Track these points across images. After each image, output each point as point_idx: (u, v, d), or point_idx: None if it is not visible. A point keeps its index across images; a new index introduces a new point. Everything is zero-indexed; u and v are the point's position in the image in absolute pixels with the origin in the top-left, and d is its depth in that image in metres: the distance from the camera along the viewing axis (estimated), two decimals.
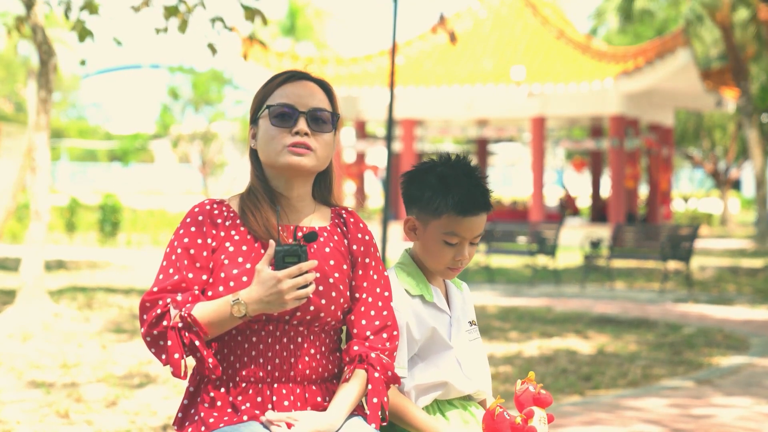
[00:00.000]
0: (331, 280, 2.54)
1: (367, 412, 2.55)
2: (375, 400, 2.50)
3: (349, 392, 2.52)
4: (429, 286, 2.73)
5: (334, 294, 2.54)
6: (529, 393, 2.62)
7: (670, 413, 5.84)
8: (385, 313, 2.61)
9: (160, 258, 2.57)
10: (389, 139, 12.90)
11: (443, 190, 2.64)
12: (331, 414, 2.47)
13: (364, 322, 2.58)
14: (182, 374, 2.42)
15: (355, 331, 2.59)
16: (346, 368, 2.55)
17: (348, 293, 2.59)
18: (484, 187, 2.68)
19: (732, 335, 9.27)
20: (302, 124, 2.54)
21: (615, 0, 29.65)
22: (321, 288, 2.52)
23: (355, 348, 2.55)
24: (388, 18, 27.09)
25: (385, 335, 2.59)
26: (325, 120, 2.57)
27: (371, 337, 2.57)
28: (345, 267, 2.60)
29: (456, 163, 2.70)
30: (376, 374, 2.52)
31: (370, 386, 2.51)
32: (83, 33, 9.01)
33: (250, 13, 8.94)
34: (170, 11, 9.00)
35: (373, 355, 2.54)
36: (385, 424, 2.60)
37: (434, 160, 2.73)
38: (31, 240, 9.35)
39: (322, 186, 2.67)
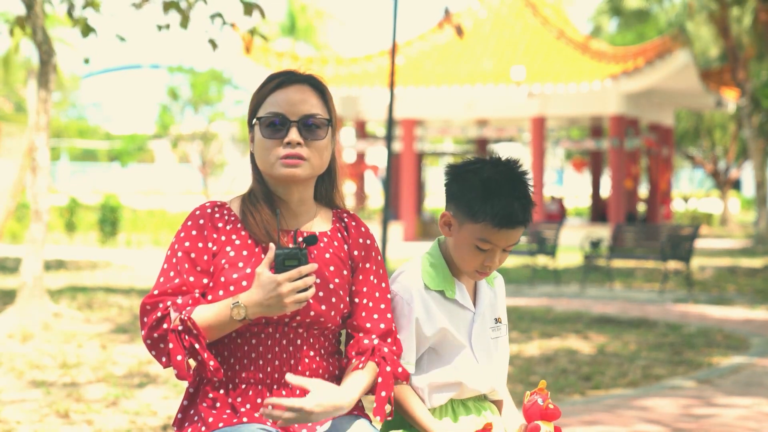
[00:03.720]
0: (331, 286, 2.53)
1: (368, 413, 2.55)
2: (383, 393, 2.50)
3: (362, 378, 2.49)
4: (453, 281, 2.66)
5: (334, 300, 2.53)
6: (537, 407, 2.60)
7: (671, 413, 5.84)
8: (388, 315, 2.60)
9: (161, 260, 2.55)
10: (389, 139, 12.90)
11: (484, 196, 2.55)
12: (345, 391, 2.45)
13: (368, 325, 2.57)
14: (187, 375, 2.42)
15: (360, 335, 2.57)
16: (355, 360, 2.52)
17: (348, 298, 2.58)
18: (527, 199, 2.57)
19: (732, 335, 9.27)
20: (294, 134, 2.50)
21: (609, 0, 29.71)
22: (321, 294, 2.51)
23: (366, 342, 2.54)
24: (388, 18, 27.07)
25: (389, 340, 2.58)
26: (319, 125, 2.53)
27: (376, 341, 2.57)
28: (345, 272, 2.58)
29: (504, 168, 2.60)
30: (388, 368, 2.51)
31: (380, 379, 2.50)
32: (86, 29, 9.04)
33: (249, 7, 8.97)
34: (169, 5, 9.02)
35: (385, 350, 2.53)
36: (390, 418, 2.59)
37: (483, 160, 2.62)
38: (31, 240, 9.35)
39: (325, 186, 2.65)
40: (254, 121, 2.55)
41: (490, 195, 2.55)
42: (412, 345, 2.62)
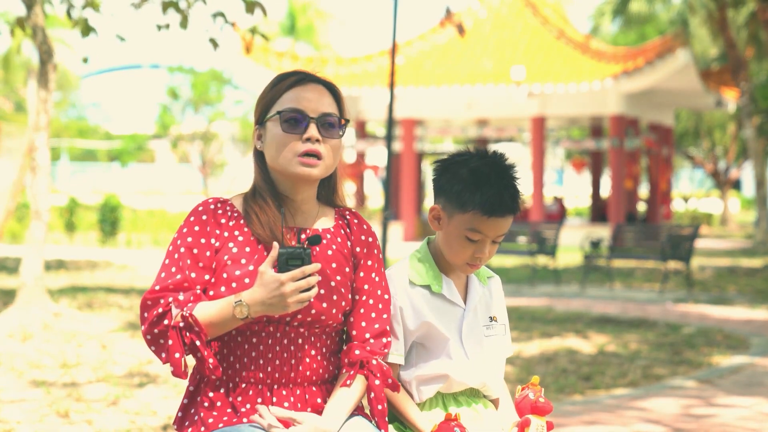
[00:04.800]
0: (333, 284, 2.53)
1: (367, 413, 2.55)
2: (380, 407, 2.51)
3: (349, 396, 2.51)
4: (441, 276, 2.68)
5: (335, 297, 2.53)
6: (528, 401, 2.62)
7: (671, 413, 5.84)
8: (384, 316, 2.60)
9: (163, 256, 2.56)
10: (389, 139, 12.90)
11: (473, 186, 2.58)
12: (331, 418, 2.47)
13: (364, 324, 2.57)
14: (183, 373, 2.42)
15: (354, 333, 2.58)
16: (344, 371, 2.53)
17: (349, 296, 2.58)
18: (515, 188, 2.62)
19: (732, 335, 9.27)
20: (313, 131, 2.51)
21: (612, 1, 29.71)
22: (323, 291, 2.50)
23: (357, 352, 2.53)
24: (388, 18, 27.05)
25: (384, 340, 2.58)
26: (334, 125, 2.55)
27: (372, 340, 2.57)
28: (347, 270, 2.59)
29: (491, 159, 2.64)
30: (377, 381, 2.51)
31: (372, 394, 2.51)
32: (86, 29, 9.03)
33: (251, 5, 8.96)
34: (168, 4, 9.01)
35: (374, 362, 2.53)
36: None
37: (470, 153, 2.66)
38: (31, 240, 9.34)
39: (327, 187, 2.65)
40: (273, 116, 2.54)
41: (479, 184, 2.58)
42: (400, 336, 2.63)
